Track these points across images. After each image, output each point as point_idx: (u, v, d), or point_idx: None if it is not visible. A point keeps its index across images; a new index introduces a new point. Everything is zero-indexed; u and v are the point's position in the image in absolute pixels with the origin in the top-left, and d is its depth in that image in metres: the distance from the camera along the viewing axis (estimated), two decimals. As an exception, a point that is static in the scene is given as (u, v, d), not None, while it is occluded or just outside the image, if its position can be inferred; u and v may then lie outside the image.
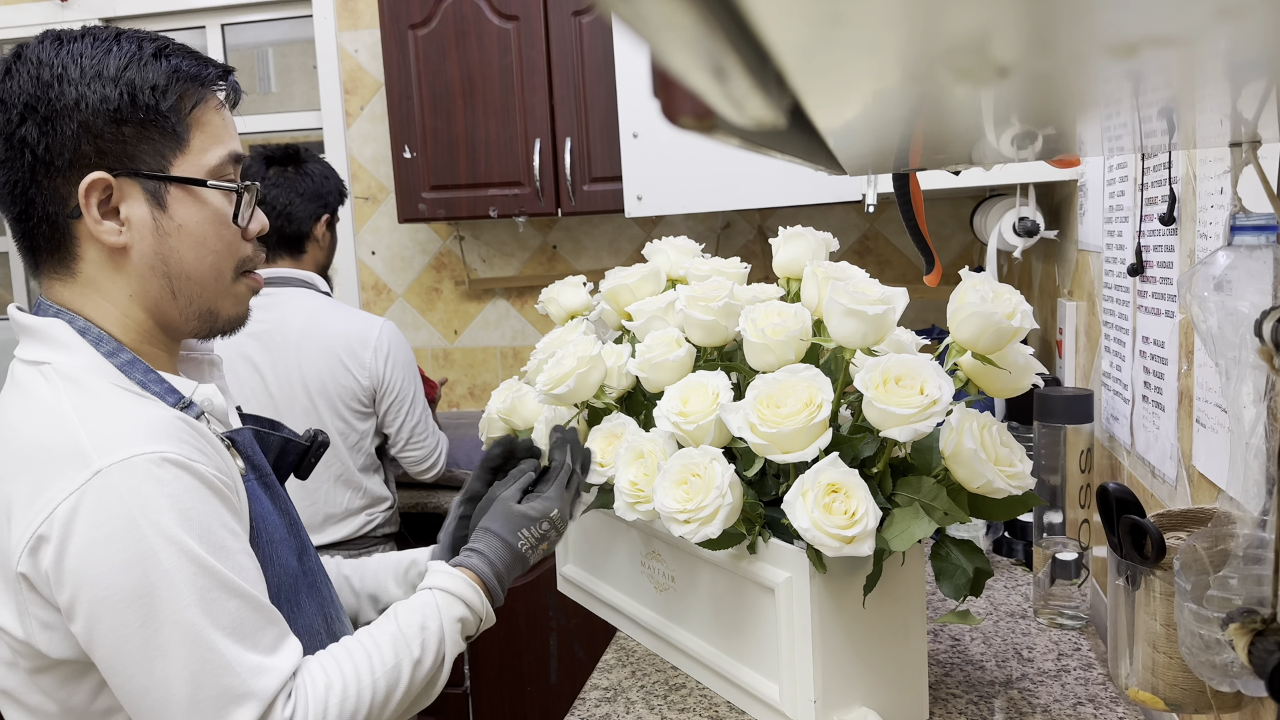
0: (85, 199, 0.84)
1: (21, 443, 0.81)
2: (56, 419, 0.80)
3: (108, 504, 0.76)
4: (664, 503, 0.97)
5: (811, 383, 0.93)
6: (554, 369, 1.12)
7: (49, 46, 0.86)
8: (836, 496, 0.90)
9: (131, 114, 0.85)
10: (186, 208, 0.88)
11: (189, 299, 0.90)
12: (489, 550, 1.00)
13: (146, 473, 0.78)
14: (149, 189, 0.87)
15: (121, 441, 0.79)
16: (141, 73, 0.85)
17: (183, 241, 0.89)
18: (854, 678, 1.00)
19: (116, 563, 0.76)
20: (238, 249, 0.93)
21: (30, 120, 0.84)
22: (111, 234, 0.86)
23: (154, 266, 0.88)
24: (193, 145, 0.88)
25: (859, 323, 0.92)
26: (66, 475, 0.77)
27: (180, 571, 0.77)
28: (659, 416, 1.03)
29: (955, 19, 0.20)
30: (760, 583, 1.01)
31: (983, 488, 0.92)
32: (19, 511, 0.78)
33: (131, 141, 0.85)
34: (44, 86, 0.84)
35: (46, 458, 0.79)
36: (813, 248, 1.17)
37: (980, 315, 0.92)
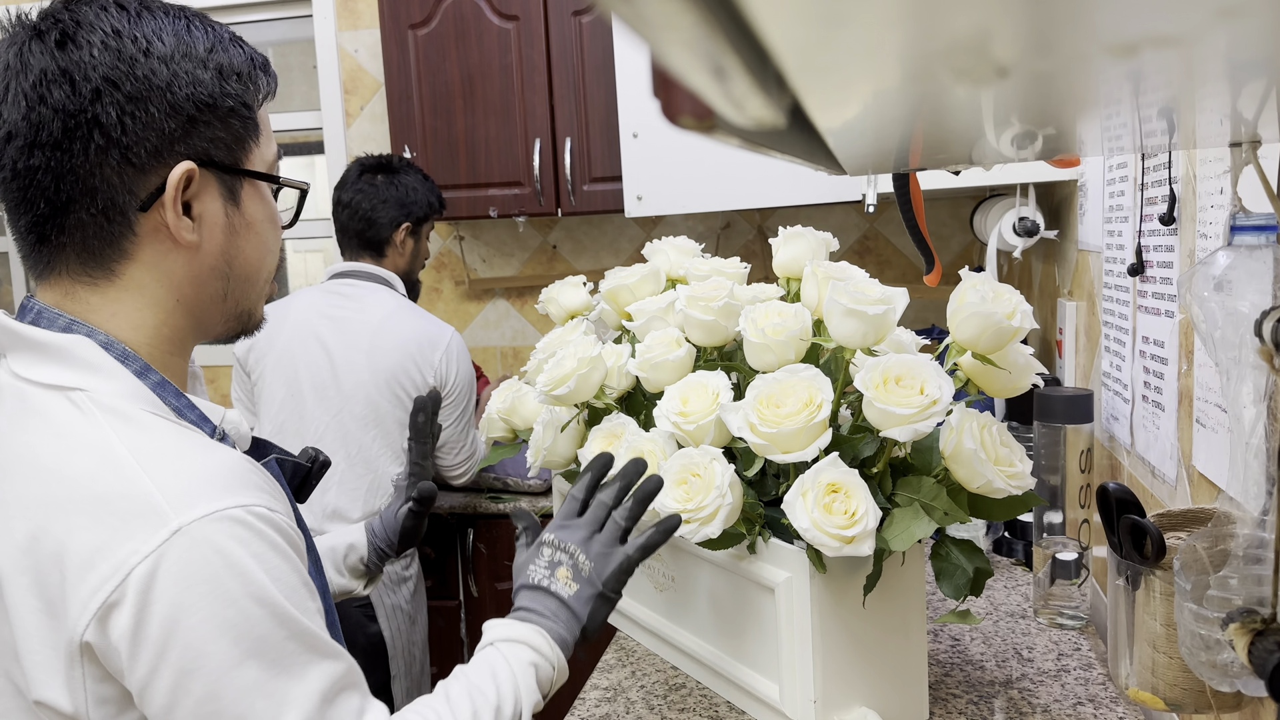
0: (175, 192, 0.75)
1: (69, 492, 0.69)
2: (111, 464, 0.69)
3: (194, 565, 0.67)
4: (664, 503, 0.97)
5: (811, 383, 0.93)
6: (554, 370, 1.12)
7: (122, 15, 0.74)
8: (836, 496, 0.90)
9: (220, 100, 0.77)
10: (256, 205, 0.82)
11: (236, 300, 0.83)
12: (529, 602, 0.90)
13: (230, 530, 0.69)
14: (225, 183, 0.79)
15: (198, 494, 0.69)
16: (228, 56, 0.78)
17: (249, 240, 0.82)
18: (854, 678, 1.00)
19: (208, 630, 0.67)
20: (278, 249, 0.88)
21: (108, 98, 0.72)
22: (187, 230, 0.77)
23: (216, 268, 0.80)
24: (260, 140, 0.81)
25: (859, 323, 0.92)
26: (138, 534, 0.67)
27: (271, 636, 0.70)
28: (659, 416, 1.03)
29: (955, 19, 0.20)
30: (760, 583, 1.01)
31: (983, 488, 0.92)
32: (77, 573, 0.67)
33: (216, 128, 0.77)
34: (129, 60, 0.73)
35: (106, 511, 0.68)
36: (813, 248, 1.17)
37: (980, 315, 0.92)
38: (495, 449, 1.34)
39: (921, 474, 0.97)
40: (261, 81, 0.81)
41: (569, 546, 0.91)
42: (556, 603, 0.89)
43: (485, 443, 1.57)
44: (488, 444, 1.36)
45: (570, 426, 1.22)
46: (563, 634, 0.88)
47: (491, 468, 2.31)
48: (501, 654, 0.85)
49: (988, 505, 0.96)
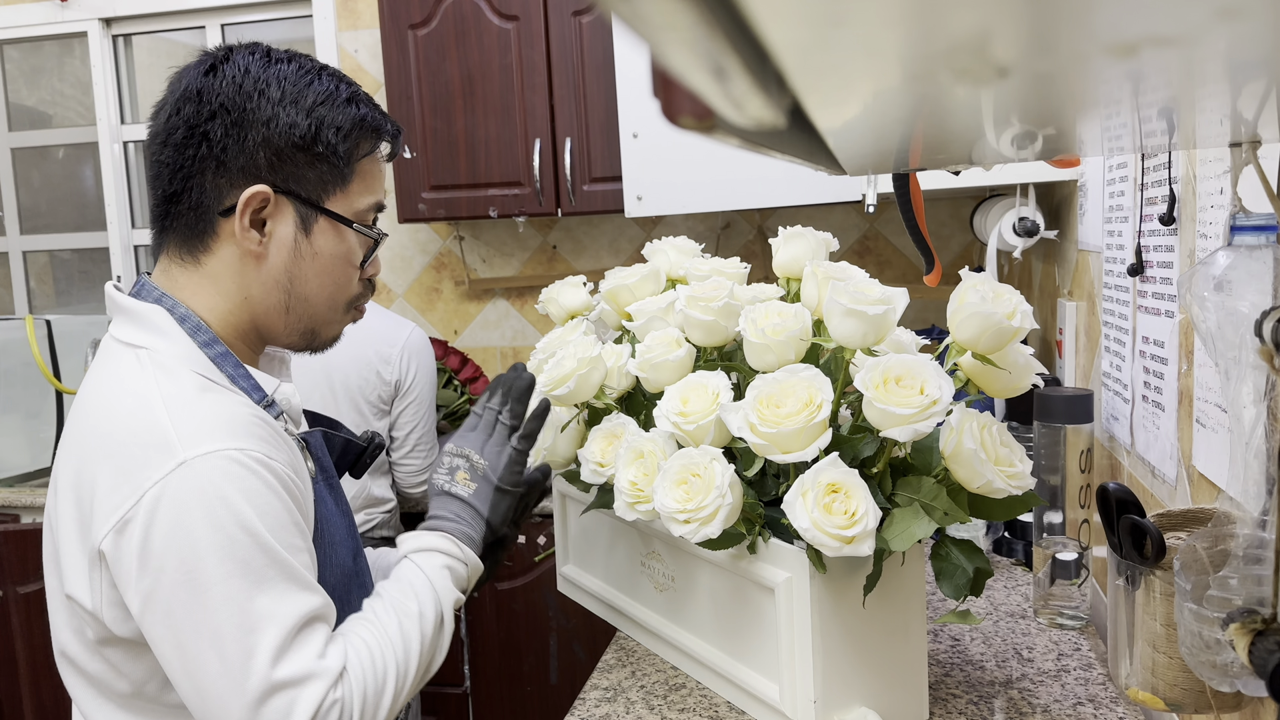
0: (244, 205, 0.90)
1: (111, 426, 0.85)
2: (145, 407, 0.85)
3: (193, 493, 0.81)
4: (664, 503, 0.97)
5: (811, 383, 0.93)
6: (554, 370, 1.12)
7: (259, 60, 0.92)
8: (836, 496, 0.90)
9: (313, 145, 0.92)
10: (328, 239, 0.95)
11: (299, 317, 0.97)
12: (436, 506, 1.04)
13: (226, 467, 0.83)
14: (301, 213, 0.93)
15: (205, 435, 0.83)
16: (333, 112, 0.93)
17: (313, 267, 0.95)
18: (854, 678, 1.00)
19: (200, 548, 0.81)
20: (353, 287, 0.99)
21: (219, 119, 0.90)
22: (252, 242, 0.92)
23: (279, 281, 0.94)
24: (352, 187, 0.95)
25: (859, 323, 0.92)
26: (152, 463, 0.82)
27: (253, 560, 0.82)
28: (659, 416, 1.03)
29: (955, 19, 0.20)
30: (760, 583, 1.01)
31: (983, 488, 0.92)
32: (104, 493, 0.82)
33: (302, 167, 0.92)
34: (244, 95, 0.90)
35: (134, 443, 0.83)
36: (813, 248, 1.17)
37: (980, 315, 0.92)
38: None
39: (921, 474, 0.97)
40: (366, 142, 0.96)
41: (464, 450, 1.05)
42: (459, 504, 1.02)
43: None
44: None
45: (570, 426, 1.21)
46: (469, 532, 1.02)
47: None
48: (416, 564, 0.98)
49: (988, 505, 0.96)
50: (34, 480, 2.75)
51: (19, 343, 2.75)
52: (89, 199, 3.18)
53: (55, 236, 3.22)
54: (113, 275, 3.10)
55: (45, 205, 3.24)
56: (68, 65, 3.17)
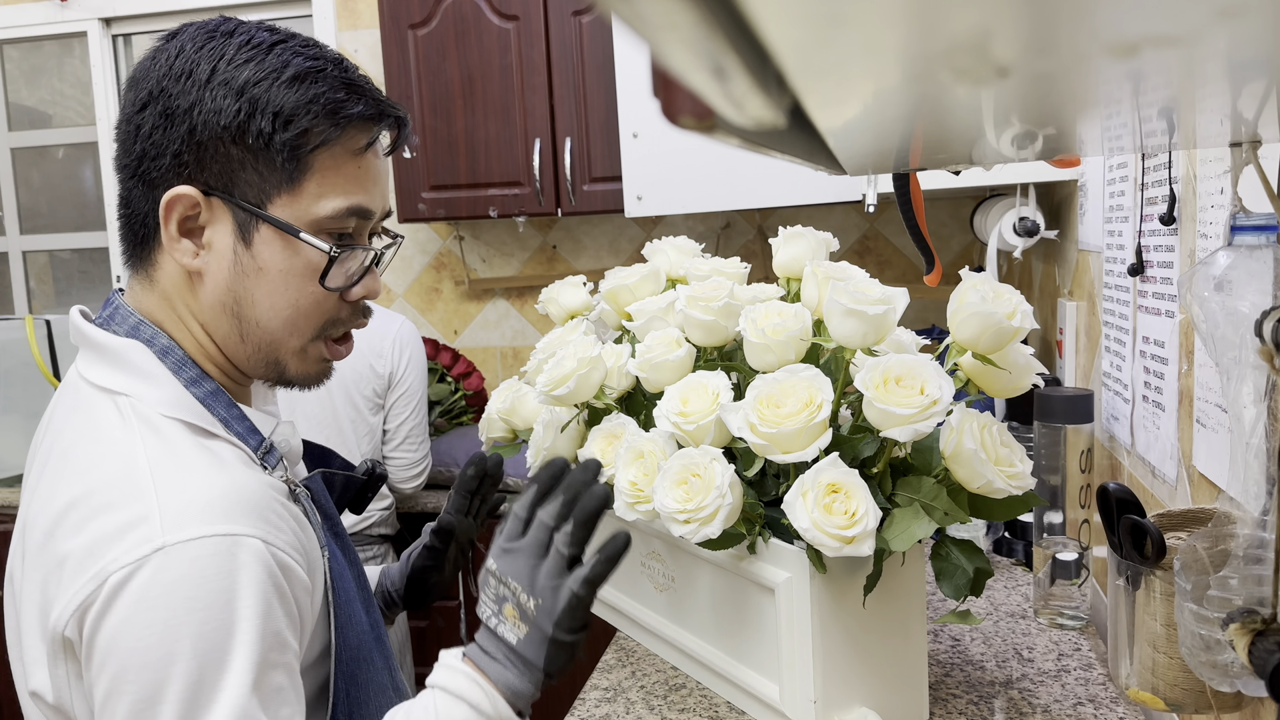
0: (166, 211, 0.76)
1: (88, 489, 0.72)
2: (128, 475, 0.71)
3: (166, 584, 0.68)
4: (664, 503, 0.97)
5: (812, 383, 0.93)
6: (554, 370, 1.12)
7: (200, 35, 0.77)
8: (837, 496, 0.90)
9: (243, 135, 0.75)
10: (274, 251, 0.78)
11: (256, 346, 0.81)
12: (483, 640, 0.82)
13: (209, 561, 0.69)
14: (239, 219, 0.77)
15: (194, 516, 0.70)
16: (271, 92, 0.75)
17: (259, 285, 0.79)
18: (854, 678, 1.00)
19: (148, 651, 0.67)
20: (325, 309, 0.82)
21: (149, 109, 0.76)
22: (187, 254, 0.78)
23: (224, 303, 0.79)
24: (305, 188, 0.78)
25: (859, 323, 0.92)
26: (126, 543, 0.69)
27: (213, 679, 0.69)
28: (659, 416, 1.03)
29: (955, 19, 0.20)
30: (760, 583, 1.01)
31: (983, 488, 0.92)
32: (70, 572, 0.70)
33: (236, 163, 0.76)
34: (173, 78, 0.75)
35: (111, 517, 0.70)
36: (813, 248, 1.17)
37: (980, 315, 0.92)
38: (494, 450, 1.33)
39: (921, 474, 0.97)
40: (319, 127, 0.77)
41: (510, 582, 0.80)
42: (507, 649, 0.80)
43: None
44: (487, 444, 1.36)
45: (570, 426, 1.21)
46: (513, 682, 0.79)
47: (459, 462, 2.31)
48: (437, 707, 0.79)
49: (988, 505, 0.96)
50: (34, 480, 2.75)
51: (19, 343, 2.76)
52: (89, 199, 3.18)
53: (55, 236, 3.22)
54: (112, 275, 3.10)
55: (45, 205, 3.24)
56: (67, 65, 3.17)
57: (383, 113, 0.81)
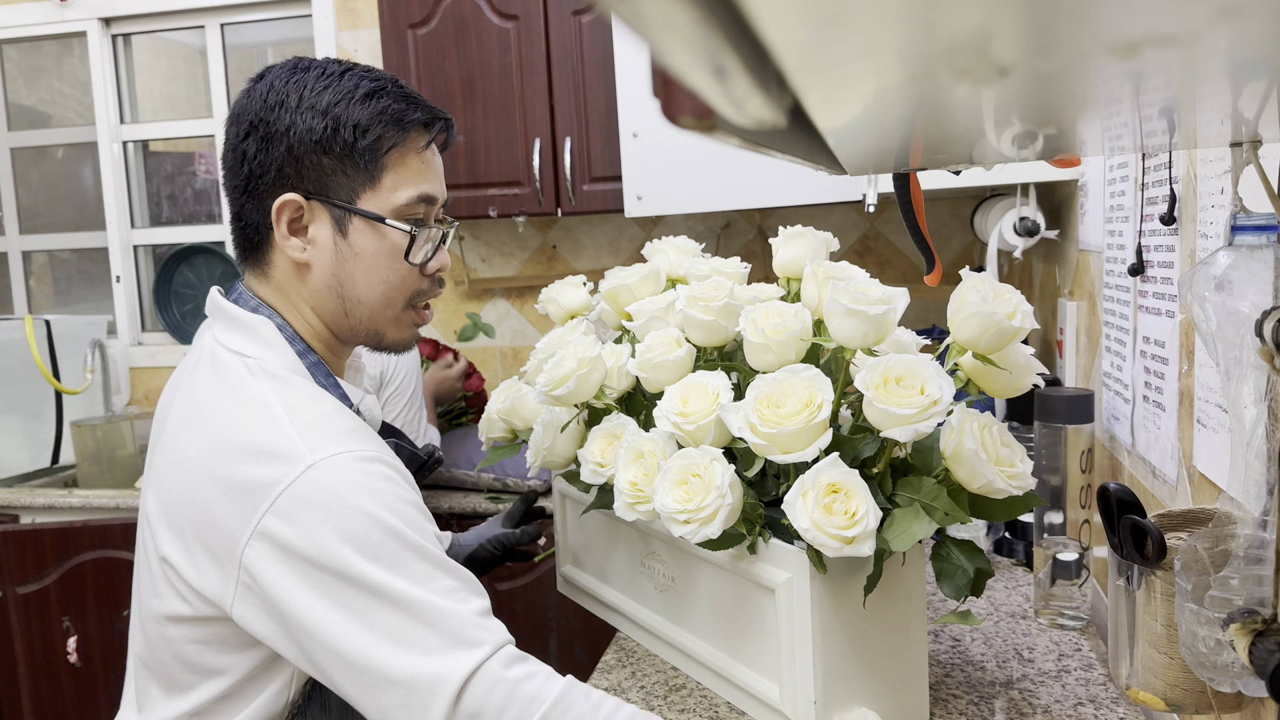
0: (277, 215, 0.95)
1: (236, 435, 0.88)
2: (268, 418, 0.88)
3: (325, 490, 0.84)
4: (664, 503, 0.97)
5: (812, 383, 0.93)
6: (554, 370, 1.12)
7: (284, 73, 0.96)
8: (837, 497, 0.90)
9: (331, 146, 0.93)
10: (366, 238, 0.96)
11: (358, 319, 0.99)
12: None
13: (354, 467, 0.86)
14: (335, 215, 0.96)
15: (329, 440, 0.87)
16: (349, 110, 0.93)
17: (357, 268, 0.97)
18: (854, 678, 1.00)
19: (338, 542, 0.83)
20: (411, 283, 1.00)
21: (252, 137, 0.94)
22: (296, 250, 0.96)
23: (330, 286, 0.97)
24: (383, 183, 0.96)
25: (859, 323, 0.92)
26: (283, 467, 0.85)
27: (392, 546, 0.84)
28: (659, 416, 1.03)
29: (955, 19, 0.20)
30: (760, 583, 1.01)
31: (983, 488, 0.92)
32: (240, 498, 0.85)
33: (328, 170, 0.94)
34: (269, 109, 0.94)
35: (261, 451, 0.86)
36: (813, 247, 1.17)
37: (981, 315, 0.92)
38: (494, 450, 1.33)
39: (922, 474, 0.97)
40: (390, 134, 0.95)
41: None
42: None
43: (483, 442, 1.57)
44: (487, 444, 1.36)
45: (570, 427, 1.21)
46: None
47: (491, 468, 2.31)
48: None
49: (988, 505, 0.96)
50: (33, 480, 2.75)
51: (18, 343, 2.75)
52: (88, 199, 3.18)
53: (55, 236, 3.22)
54: (112, 275, 3.10)
55: (45, 205, 3.24)
56: (67, 65, 3.17)
57: (435, 117, 1.00)
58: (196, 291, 3.07)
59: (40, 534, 2.37)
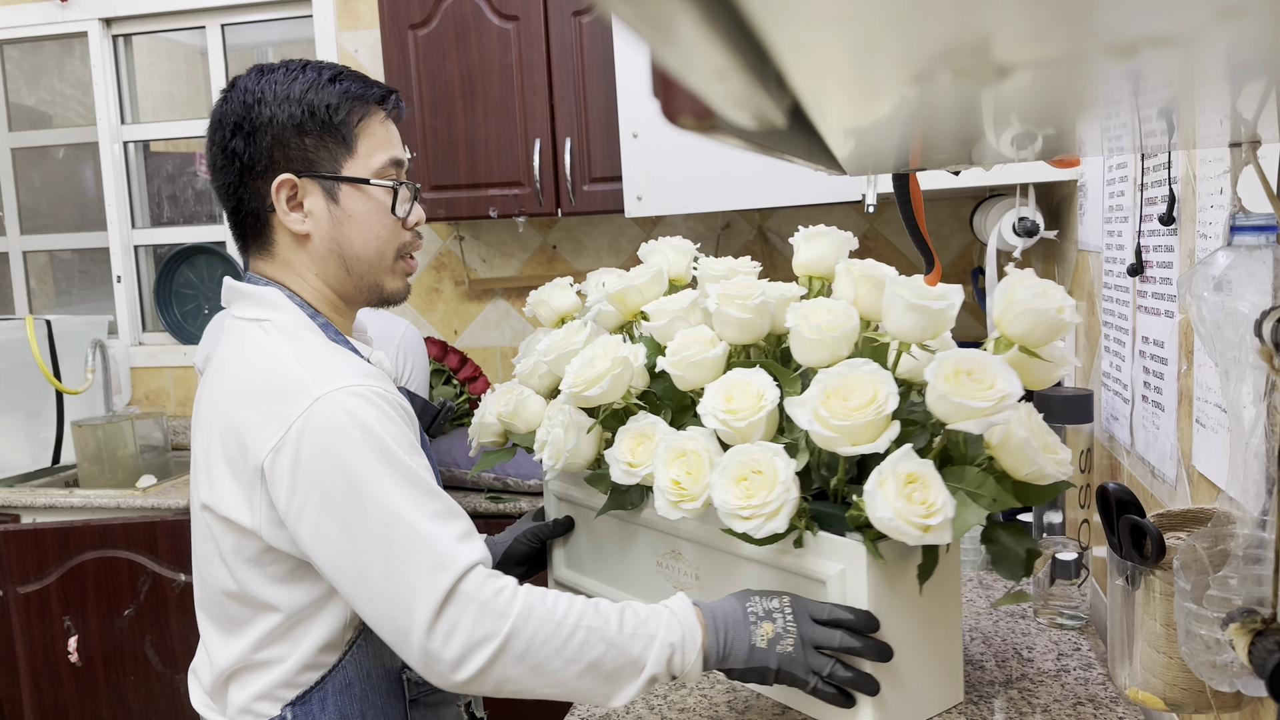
0: (276, 194, 1.05)
1: (253, 379, 1.00)
2: (280, 362, 1.00)
3: (328, 418, 0.95)
4: (725, 499, 0.98)
5: (874, 376, 0.95)
6: (586, 371, 1.11)
7: (254, 77, 1.07)
8: (915, 486, 0.92)
9: (311, 127, 1.06)
10: (355, 201, 1.08)
11: (360, 275, 1.10)
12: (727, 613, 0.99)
13: (355, 398, 0.96)
14: (325, 187, 1.07)
15: (334, 376, 0.98)
16: (319, 94, 1.06)
17: (353, 228, 1.08)
18: (904, 664, 1.02)
19: (336, 462, 0.94)
20: (398, 235, 1.12)
21: (238, 135, 1.06)
22: (297, 223, 1.07)
23: (331, 250, 1.09)
24: (359, 151, 1.08)
25: (920, 317, 0.95)
26: (294, 401, 0.96)
27: (385, 470, 0.94)
28: (705, 414, 1.04)
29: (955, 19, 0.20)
30: (809, 575, 1.02)
31: (1031, 475, 0.95)
32: (254, 429, 0.97)
33: (312, 149, 1.06)
34: (248, 108, 1.05)
35: (277, 390, 0.98)
36: (835, 246, 1.19)
37: (1034, 310, 0.95)
38: (486, 455, 1.33)
39: (961, 464, 0.99)
40: (356, 108, 1.07)
41: (790, 623, 0.98)
42: (744, 639, 0.97)
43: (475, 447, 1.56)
44: (475, 449, 1.36)
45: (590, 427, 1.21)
46: (716, 652, 0.97)
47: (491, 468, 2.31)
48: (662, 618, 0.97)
49: (1029, 491, 0.99)
50: (34, 480, 2.75)
51: (19, 343, 2.75)
52: (89, 199, 3.18)
53: (55, 236, 3.22)
54: (113, 275, 3.10)
55: (45, 205, 3.24)
56: (68, 65, 3.17)
57: (388, 91, 1.13)
58: (197, 292, 3.07)
59: (41, 534, 2.37)
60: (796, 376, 1.08)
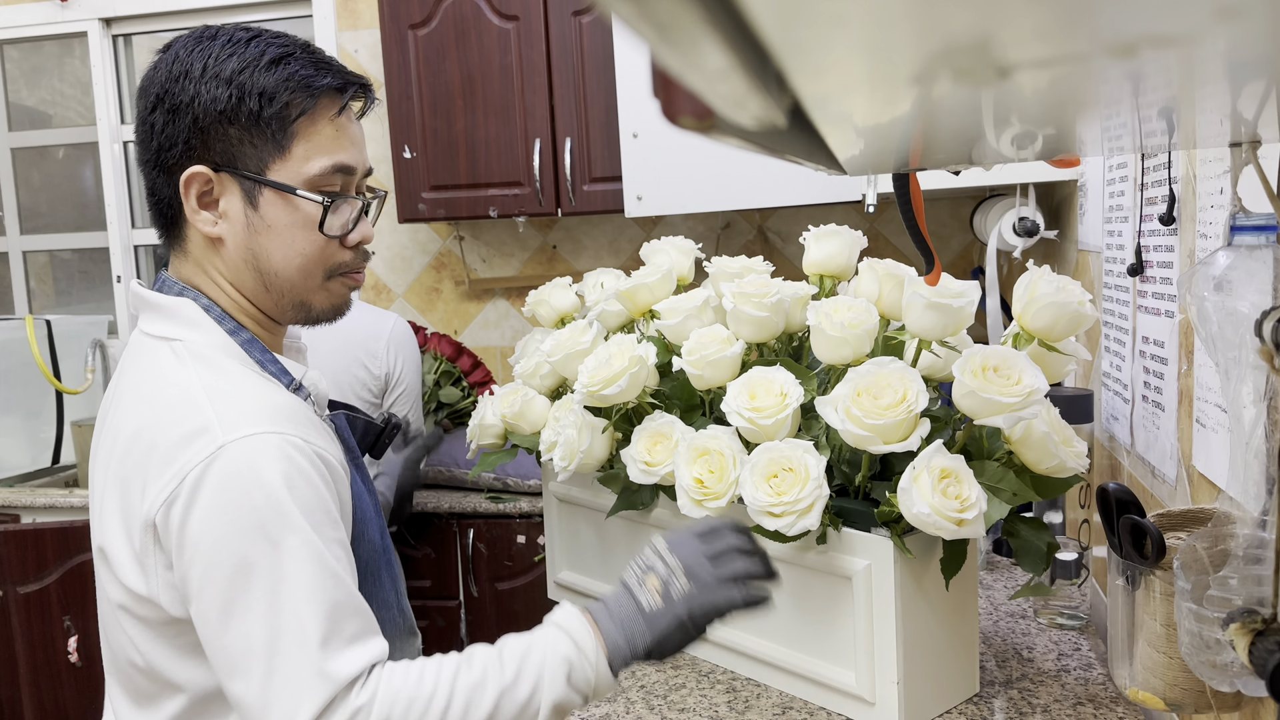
0: (185, 188, 0.90)
1: (154, 417, 0.85)
2: (187, 398, 0.85)
3: (229, 475, 0.81)
4: (755, 497, 0.98)
5: (903, 375, 0.96)
6: (602, 370, 1.12)
7: (190, 42, 0.91)
8: (949, 482, 0.93)
9: (236, 116, 0.89)
10: (277, 210, 0.91)
11: (279, 292, 0.94)
12: (610, 597, 0.91)
13: (264, 451, 0.82)
14: (245, 187, 0.91)
15: (245, 421, 0.84)
16: (254, 77, 0.89)
17: (271, 240, 0.92)
18: (927, 656, 1.03)
19: (230, 529, 0.80)
20: (330, 255, 0.94)
21: (159, 110, 0.90)
22: (207, 224, 0.92)
23: (245, 259, 0.93)
24: (294, 152, 0.91)
25: (940, 315, 0.96)
26: (195, 447, 0.82)
27: (285, 545, 0.81)
28: (729, 413, 1.04)
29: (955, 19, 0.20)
30: (833, 572, 1.03)
31: (1052, 469, 0.97)
32: (151, 477, 0.83)
33: (235, 141, 0.90)
34: (173, 80, 0.90)
35: (178, 433, 0.83)
36: (847, 245, 1.19)
37: (1057, 305, 0.96)
38: (486, 457, 1.33)
39: (981, 459, 1.00)
40: (296, 100, 0.90)
41: (669, 559, 0.89)
42: (634, 609, 0.88)
43: None
44: (473, 452, 1.36)
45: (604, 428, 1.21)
46: (620, 642, 0.87)
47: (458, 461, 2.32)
48: (545, 638, 0.88)
49: (1047, 484, 1.00)
50: (34, 480, 2.75)
51: (19, 343, 2.75)
52: (89, 199, 3.18)
53: (55, 236, 3.22)
54: (113, 275, 3.10)
55: (45, 205, 3.24)
56: (68, 65, 3.17)
57: (349, 82, 0.94)
58: (196, 291, 3.07)
59: (41, 534, 2.37)
60: (814, 375, 1.08)
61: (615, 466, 1.21)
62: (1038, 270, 1.00)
